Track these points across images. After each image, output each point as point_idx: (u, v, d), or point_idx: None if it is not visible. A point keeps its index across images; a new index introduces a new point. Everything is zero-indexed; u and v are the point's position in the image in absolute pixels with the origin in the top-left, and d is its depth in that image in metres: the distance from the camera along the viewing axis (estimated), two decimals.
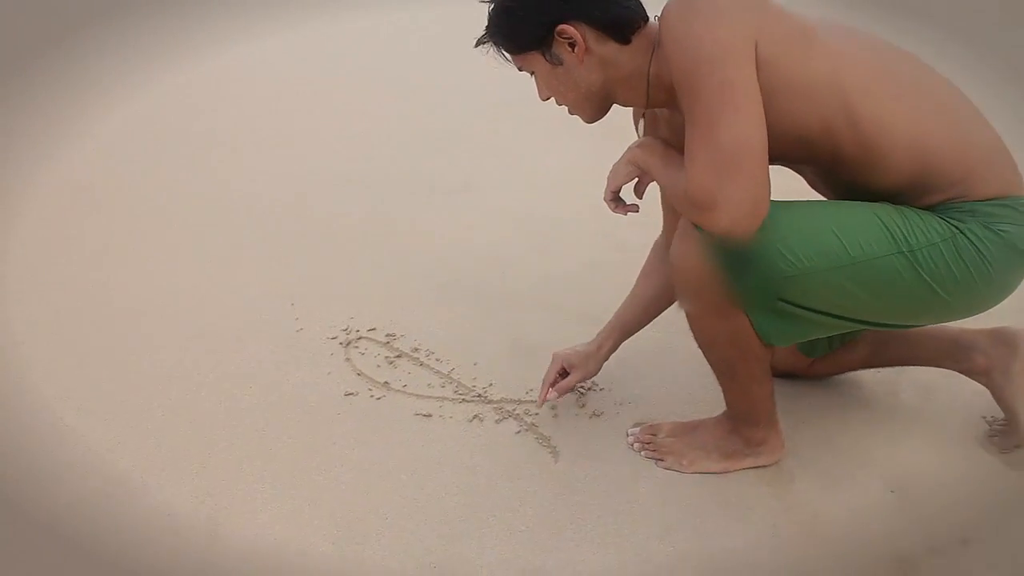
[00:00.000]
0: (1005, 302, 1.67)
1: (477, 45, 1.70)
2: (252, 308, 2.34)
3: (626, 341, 2.15)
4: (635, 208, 1.80)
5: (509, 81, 3.50)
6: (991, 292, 1.64)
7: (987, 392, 1.89)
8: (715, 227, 1.46)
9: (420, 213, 2.83)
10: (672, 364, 2.12)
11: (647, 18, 1.64)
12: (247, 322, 2.28)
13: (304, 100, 4.00)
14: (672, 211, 1.94)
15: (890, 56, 1.62)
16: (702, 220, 1.47)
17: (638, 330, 2.00)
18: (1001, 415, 1.90)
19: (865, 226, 1.55)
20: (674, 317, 2.25)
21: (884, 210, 1.57)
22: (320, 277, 2.48)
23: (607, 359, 1.98)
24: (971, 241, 1.56)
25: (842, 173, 1.62)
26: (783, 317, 1.62)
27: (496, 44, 1.68)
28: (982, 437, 1.91)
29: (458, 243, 2.64)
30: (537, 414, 1.96)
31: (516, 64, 1.70)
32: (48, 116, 3.86)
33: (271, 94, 4.12)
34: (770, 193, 1.46)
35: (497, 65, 1.69)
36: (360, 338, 2.21)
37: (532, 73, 1.70)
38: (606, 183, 1.77)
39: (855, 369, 2.07)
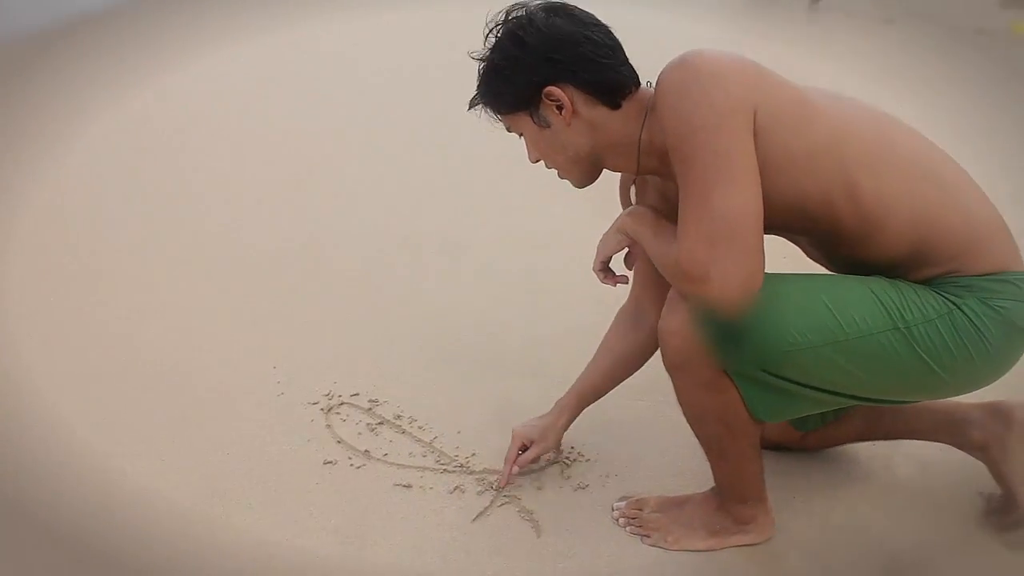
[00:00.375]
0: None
1: (470, 108, 1.68)
2: (233, 370, 2.28)
3: (614, 411, 2.12)
4: (624, 279, 1.79)
5: (499, 138, 3.52)
6: (989, 369, 1.61)
7: (984, 468, 1.84)
8: (706, 299, 1.43)
9: (408, 272, 2.78)
10: (661, 435, 2.06)
11: (639, 83, 1.63)
12: (227, 385, 2.22)
13: (291, 145, 3.90)
14: (642, 282, 1.91)
15: (890, 128, 1.61)
16: (693, 291, 1.45)
17: (597, 399, 1.96)
18: (999, 491, 1.84)
19: (860, 301, 1.52)
20: (664, 387, 2.20)
21: (879, 285, 1.55)
22: (304, 338, 2.42)
23: (566, 429, 1.93)
24: (968, 318, 1.53)
25: (840, 245, 1.60)
26: (775, 392, 1.57)
27: (485, 104, 1.67)
28: (979, 515, 1.85)
29: (446, 304, 2.59)
30: (521, 486, 1.90)
31: (505, 125, 1.69)
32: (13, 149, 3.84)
33: (258, 134, 4.00)
34: (764, 266, 1.43)
35: (484, 122, 1.67)
36: (342, 404, 2.16)
37: (521, 135, 1.68)
38: (596, 253, 1.74)
39: (848, 443, 2.01)
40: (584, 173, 1.68)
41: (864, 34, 5.32)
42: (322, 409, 2.14)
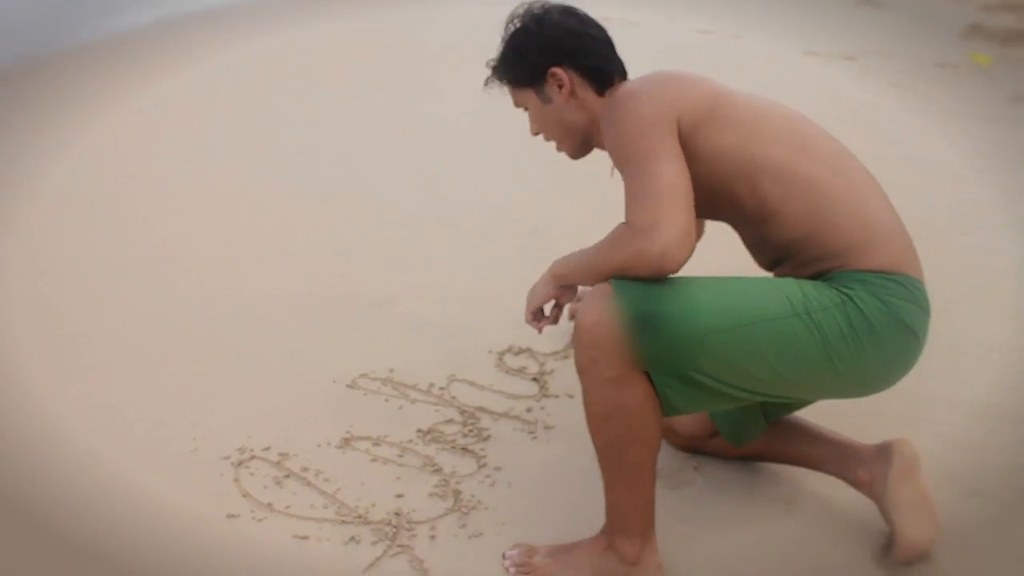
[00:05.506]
0: None
1: (486, 84, 2.00)
2: (149, 427, 2.30)
3: (518, 458, 2.16)
4: (551, 321, 1.99)
5: (430, 191, 3.55)
6: (879, 363, 1.73)
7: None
8: (652, 249, 1.60)
9: (334, 328, 2.74)
10: (560, 484, 2.08)
11: (624, 76, 1.93)
12: (141, 444, 2.24)
13: (213, 201, 3.70)
14: None
15: (805, 131, 1.83)
16: (641, 244, 1.61)
17: None
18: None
19: (764, 293, 1.69)
20: (569, 433, 2.23)
21: (783, 281, 1.73)
22: (223, 394, 2.42)
23: None
24: (860, 309, 1.68)
25: (746, 225, 1.84)
26: (686, 383, 1.66)
27: (501, 76, 1.98)
28: (878, 553, 1.87)
29: (370, 356, 2.56)
30: (415, 535, 1.92)
31: (513, 98, 2.00)
32: None
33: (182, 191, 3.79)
34: (695, 232, 1.64)
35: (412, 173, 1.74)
36: (252, 458, 2.17)
37: (526, 108, 1.98)
38: (526, 305, 1.95)
39: (748, 458, 2.10)
40: (576, 147, 1.98)
41: (825, 72, 5.36)
42: (232, 464, 2.16)
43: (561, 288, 1.92)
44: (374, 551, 1.88)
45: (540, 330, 2.00)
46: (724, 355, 1.64)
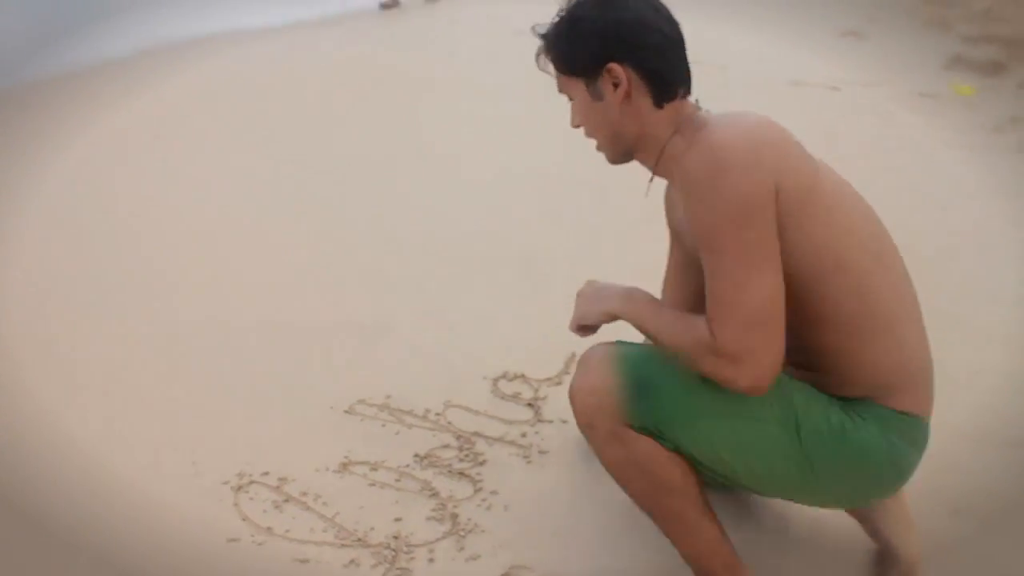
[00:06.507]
0: None
1: (537, 56, 1.74)
2: (149, 452, 2.33)
3: (513, 482, 2.20)
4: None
5: (429, 215, 3.60)
6: (857, 495, 1.75)
7: None
8: (738, 379, 1.52)
9: (331, 355, 2.78)
10: (555, 506, 2.12)
11: (688, 91, 1.69)
12: (140, 468, 2.27)
13: (206, 221, 3.76)
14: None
15: (878, 229, 1.71)
16: (726, 372, 1.53)
17: None
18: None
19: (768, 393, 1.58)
20: (561, 458, 2.27)
21: (792, 383, 1.65)
22: (222, 419, 2.46)
23: None
24: (859, 445, 1.63)
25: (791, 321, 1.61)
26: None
27: (550, 55, 1.71)
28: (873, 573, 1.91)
29: (367, 383, 2.60)
30: (414, 558, 1.96)
31: (559, 85, 1.74)
32: None
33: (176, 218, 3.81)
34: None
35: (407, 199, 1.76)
36: (251, 482, 2.21)
37: (571, 98, 1.73)
38: (573, 316, 1.81)
39: None
40: (618, 152, 1.73)
41: (810, 102, 5.45)
42: (232, 488, 2.19)
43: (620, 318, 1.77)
44: (373, 574, 1.91)
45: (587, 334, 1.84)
46: (707, 440, 1.63)
